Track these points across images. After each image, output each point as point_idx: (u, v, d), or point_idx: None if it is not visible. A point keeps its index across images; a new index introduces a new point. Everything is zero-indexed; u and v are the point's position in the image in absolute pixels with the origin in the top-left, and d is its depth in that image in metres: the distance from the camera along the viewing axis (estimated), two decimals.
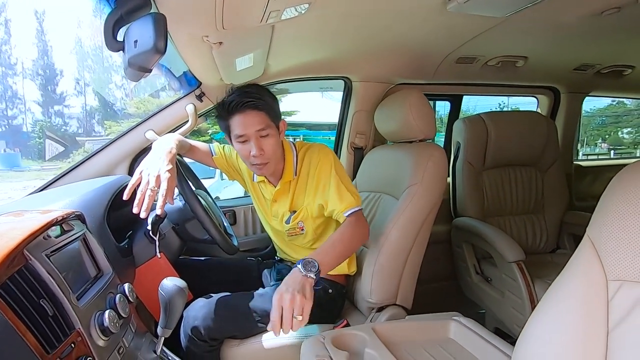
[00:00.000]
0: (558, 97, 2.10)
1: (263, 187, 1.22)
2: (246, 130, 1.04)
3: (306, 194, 1.15)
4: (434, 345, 0.94)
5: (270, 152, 1.07)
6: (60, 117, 22.21)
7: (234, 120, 1.05)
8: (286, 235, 1.21)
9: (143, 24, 0.59)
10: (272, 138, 1.07)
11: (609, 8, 1.10)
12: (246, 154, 1.07)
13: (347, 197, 1.07)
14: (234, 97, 1.05)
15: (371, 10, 1.03)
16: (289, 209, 1.18)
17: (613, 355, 0.56)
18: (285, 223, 1.19)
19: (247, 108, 1.03)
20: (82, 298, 0.65)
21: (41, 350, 0.51)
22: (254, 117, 1.04)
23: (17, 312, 0.50)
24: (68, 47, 31.35)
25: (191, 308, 1.05)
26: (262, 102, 1.04)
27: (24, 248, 0.56)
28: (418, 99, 1.28)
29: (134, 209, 0.88)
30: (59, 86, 22.52)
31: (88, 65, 24.90)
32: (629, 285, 0.57)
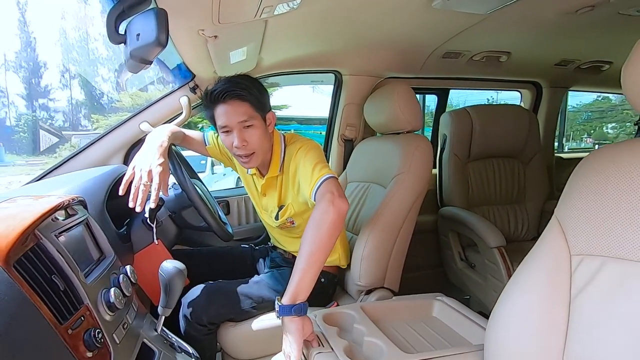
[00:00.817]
0: (540, 92, 2.18)
1: (255, 179, 1.22)
2: (229, 120, 1.02)
3: (290, 190, 1.13)
4: (418, 322, 1.01)
5: (255, 143, 1.04)
6: (45, 111, 21.70)
7: (217, 110, 1.03)
8: (279, 229, 1.24)
9: (145, 18, 0.62)
10: (257, 129, 1.04)
11: (584, 7, 1.17)
12: (229, 145, 1.05)
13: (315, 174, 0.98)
14: (219, 86, 1.02)
15: (359, 6, 1.07)
16: (277, 204, 1.17)
17: (573, 320, 0.63)
18: (275, 219, 1.19)
19: (230, 98, 1.01)
20: (89, 277, 0.69)
21: (55, 321, 0.55)
22: (237, 108, 1.01)
23: (32, 286, 0.55)
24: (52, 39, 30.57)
25: (189, 294, 1.09)
26: (246, 92, 1.01)
27: (35, 228, 0.60)
28: (405, 92, 1.33)
29: (130, 203, 0.92)
30: (44, 79, 21.96)
31: (73, 57, 24.36)
32: (589, 259, 0.63)
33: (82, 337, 0.60)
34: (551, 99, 2.16)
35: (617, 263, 0.60)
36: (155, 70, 1.53)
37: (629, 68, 0.61)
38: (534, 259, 0.71)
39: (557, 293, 0.66)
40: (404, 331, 0.95)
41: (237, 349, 1.11)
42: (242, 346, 1.10)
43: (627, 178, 0.60)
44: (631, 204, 0.58)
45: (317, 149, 1.09)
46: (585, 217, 0.64)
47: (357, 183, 1.51)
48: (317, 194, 0.95)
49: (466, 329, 0.95)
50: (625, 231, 0.58)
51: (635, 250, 0.57)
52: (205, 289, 1.09)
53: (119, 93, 14.86)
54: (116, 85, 21.69)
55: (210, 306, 1.06)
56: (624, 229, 0.58)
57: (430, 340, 0.91)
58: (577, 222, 0.66)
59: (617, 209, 0.60)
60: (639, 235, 0.57)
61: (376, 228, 1.19)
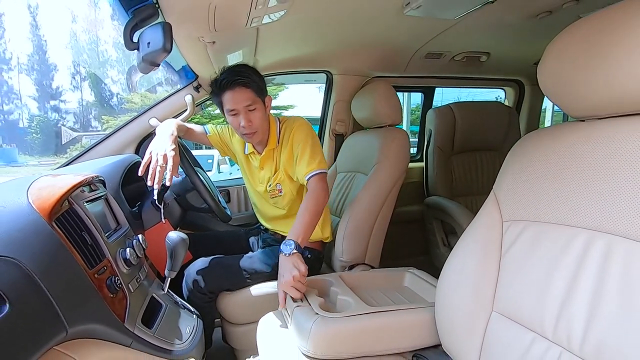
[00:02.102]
0: (523, 89, 2.31)
1: (252, 157, 1.39)
2: (236, 105, 1.20)
3: (283, 157, 1.32)
4: (390, 290, 1.15)
5: (258, 123, 1.24)
6: (56, 112, 22.24)
7: (225, 96, 1.21)
8: (269, 197, 1.38)
9: (154, 29, 0.78)
10: (259, 111, 1.23)
11: (542, 12, 1.30)
12: (236, 126, 1.24)
13: (310, 163, 1.22)
14: (225, 76, 1.20)
15: (340, 14, 1.22)
16: (272, 174, 1.35)
17: (501, 272, 0.77)
18: (268, 186, 1.36)
19: (236, 85, 1.19)
20: (110, 238, 0.86)
21: (85, 266, 0.72)
22: (242, 94, 1.20)
23: (68, 237, 0.71)
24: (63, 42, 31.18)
25: (192, 266, 1.25)
26: (249, 80, 1.19)
27: (69, 196, 0.76)
28: (386, 90, 1.48)
29: (148, 182, 1.09)
30: (55, 81, 22.51)
31: (84, 60, 24.89)
32: (516, 224, 0.78)
33: (105, 281, 0.76)
34: (533, 96, 2.28)
35: (534, 225, 0.74)
36: (163, 72, 1.70)
37: (543, 67, 0.75)
38: (475, 226, 0.85)
39: (491, 252, 0.80)
40: (375, 295, 1.10)
41: (233, 314, 1.27)
42: (238, 311, 1.26)
43: (545, 158, 0.73)
44: (547, 178, 0.71)
45: (312, 130, 1.31)
46: (514, 190, 0.79)
47: (345, 173, 1.66)
48: (312, 178, 1.21)
49: (432, 295, 1.09)
50: (541, 199, 0.72)
51: (546, 213, 0.71)
52: (205, 261, 1.25)
53: (130, 94, 15.18)
54: (126, 87, 22.09)
55: (209, 276, 1.21)
56: (540, 198, 0.72)
57: (396, 301, 1.06)
58: (508, 195, 0.80)
59: (537, 182, 0.73)
60: (550, 201, 0.70)
61: (357, 209, 1.34)
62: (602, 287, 0.58)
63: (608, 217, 0.59)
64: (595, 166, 0.63)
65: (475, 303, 0.80)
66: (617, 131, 0.61)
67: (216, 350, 1.41)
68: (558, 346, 0.63)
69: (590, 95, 0.64)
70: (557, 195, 0.69)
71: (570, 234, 0.65)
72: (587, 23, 0.64)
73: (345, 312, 0.89)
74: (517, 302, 0.73)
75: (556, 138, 0.73)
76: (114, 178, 1.13)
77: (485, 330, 0.77)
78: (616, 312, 0.55)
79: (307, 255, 1.35)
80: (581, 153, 0.66)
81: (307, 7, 1.10)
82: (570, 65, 0.66)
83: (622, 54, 0.56)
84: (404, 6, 1.21)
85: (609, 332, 0.55)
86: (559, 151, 0.71)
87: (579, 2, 1.19)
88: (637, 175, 0.56)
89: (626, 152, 0.59)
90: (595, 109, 0.66)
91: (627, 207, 0.57)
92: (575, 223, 0.65)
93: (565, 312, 0.62)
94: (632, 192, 0.56)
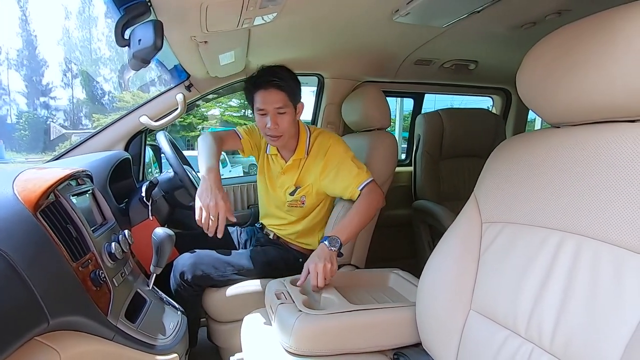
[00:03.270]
0: (510, 97, 2.36)
1: (274, 159, 1.38)
2: (266, 105, 1.20)
3: (312, 173, 1.31)
4: (375, 290, 1.17)
5: (284, 127, 1.23)
6: (46, 109, 21.91)
7: (258, 94, 1.21)
8: (286, 206, 1.37)
9: (146, 27, 0.80)
10: (288, 116, 1.23)
11: (527, 23, 1.35)
12: (262, 125, 1.24)
13: (359, 174, 1.23)
14: (262, 74, 1.21)
15: (331, 19, 1.24)
16: (294, 183, 1.34)
17: (480, 271, 0.80)
18: (289, 194, 1.34)
19: (270, 86, 1.19)
20: (95, 232, 0.86)
21: (69, 258, 0.72)
22: (275, 96, 1.20)
23: (52, 229, 0.71)
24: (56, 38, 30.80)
25: (181, 258, 1.25)
26: (285, 83, 1.20)
27: (55, 188, 0.77)
28: (375, 95, 1.51)
29: (209, 234, 1.05)
30: (45, 77, 22.21)
31: (76, 57, 24.61)
32: (494, 225, 0.80)
33: (89, 274, 0.76)
34: (519, 104, 2.34)
35: (511, 227, 0.76)
36: (156, 72, 1.71)
37: (521, 75, 0.78)
38: (456, 227, 0.88)
39: (470, 252, 0.83)
40: (359, 294, 1.12)
41: (218, 312, 1.27)
42: (223, 309, 1.26)
43: (522, 162, 0.76)
44: (523, 182, 0.74)
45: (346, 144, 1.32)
46: (493, 193, 0.81)
47: None
48: (365, 188, 1.22)
49: (414, 295, 1.11)
50: (517, 202, 0.75)
51: (522, 215, 0.74)
52: (194, 254, 1.25)
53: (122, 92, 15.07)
54: (118, 84, 21.88)
55: (197, 267, 1.21)
56: (517, 200, 0.75)
57: (379, 301, 1.08)
58: (487, 197, 0.83)
59: (514, 185, 0.76)
60: (526, 204, 0.73)
61: (344, 210, 1.35)
62: (571, 286, 0.60)
63: (578, 219, 0.62)
64: (568, 171, 0.66)
65: (454, 302, 0.82)
66: (588, 138, 0.64)
67: (201, 348, 1.41)
68: (530, 342, 0.65)
69: (564, 103, 0.67)
70: (532, 198, 0.71)
71: (544, 235, 0.67)
72: (562, 34, 0.67)
73: (329, 310, 0.90)
74: (493, 300, 0.75)
75: (533, 143, 0.76)
76: (102, 173, 1.14)
77: (463, 328, 0.80)
78: (583, 309, 0.58)
79: (299, 259, 1.36)
80: (555, 158, 0.69)
81: (298, 11, 1.12)
82: (545, 74, 0.69)
83: (591, 66, 0.60)
84: (394, 13, 1.23)
85: (576, 328, 0.58)
86: (535, 156, 0.74)
87: (561, 15, 1.24)
88: (604, 180, 0.59)
89: (595, 157, 0.62)
90: (569, 116, 0.69)
91: (595, 210, 0.60)
92: (549, 224, 0.67)
93: (537, 310, 0.65)
94: (600, 195, 0.59)
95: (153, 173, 1.86)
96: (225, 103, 14.91)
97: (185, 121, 13.54)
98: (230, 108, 15.55)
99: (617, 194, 0.57)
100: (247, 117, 15.67)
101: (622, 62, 0.56)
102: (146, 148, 1.68)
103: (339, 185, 1.26)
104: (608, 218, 0.57)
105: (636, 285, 0.52)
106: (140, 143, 1.62)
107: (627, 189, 0.56)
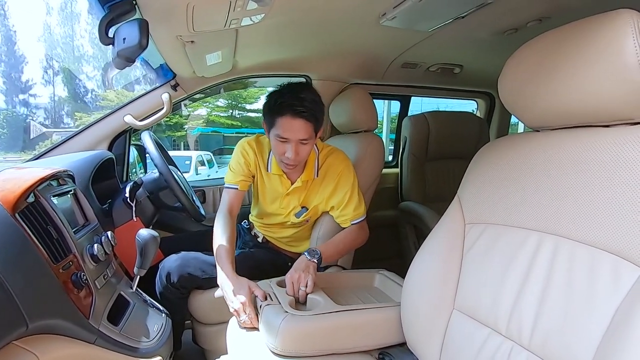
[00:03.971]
0: (493, 101, 2.42)
1: (278, 179, 1.29)
2: (290, 135, 1.10)
3: (319, 195, 1.28)
4: (361, 290, 1.18)
5: (304, 157, 1.17)
6: (25, 107, 21.26)
7: (282, 119, 1.10)
8: (288, 224, 1.35)
9: (131, 26, 0.78)
10: (309, 146, 1.16)
11: (509, 29, 1.38)
12: (281, 152, 1.14)
13: (359, 208, 1.26)
14: (290, 99, 1.09)
15: (319, 21, 1.25)
16: (299, 204, 1.30)
17: (463, 271, 0.81)
18: (296, 216, 1.31)
19: (298, 116, 1.08)
20: (77, 234, 0.84)
21: (49, 260, 0.70)
22: (301, 126, 1.10)
23: (32, 231, 0.70)
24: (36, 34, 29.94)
25: (167, 260, 1.23)
26: (312, 113, 1.11)
27: (35, 188, 0.75)
28: (362, 97, 1.53)
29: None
30: (25, 74, 21.56)
31: (57, 54, 23.98)
32: (477, 226, 0.82)
33: (71, 277, 0.75)
34: (502, 108, 2.39)
35: (492, 227, 0.78)
36: (141, 70, 1.68)
37: (502, 79, 0.80)
38: (440, 228, 0.89)
39: (454, 253, 0.84)
40: (345, 295, 1.13)
41: (204, 314, 1.26)
42: (209, 311, 1.25)
43: (503, 165, 0.78)
44: (504, 184, 0.76)
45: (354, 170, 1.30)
46: (476, 194, 0.83)
47: None
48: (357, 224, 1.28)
49: (400, 295, 1.13)
50: (499, 203, 0.77)
51: (503, 216, 0.76)
52: (181, 256, 1.23)
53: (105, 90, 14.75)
54: (102, 83, 21.42)
55: (183, 269, 1.20)
56: (498, 201, 0.77)
57: (365, 301, 1.09)
58: (470, 198, 0.84)
59: (496, 187, 0.78)
60: (507, 205, 0.75)
61: (329, 223, 1.35)
62: (549, 285, 0.62)
63: (556, 220, 0.64)
64: (547, 173, 0.68)
65: (438, 302, 0.84)
66: (566, 142, 0.67)
67: (186, 351, 1.39)
68: (510, 340, 0.67)
69: (543, 107, 0.69)
70: (512, 200, 0.73)
71: (523, 235, 0.69)
72: (541, 41, 0.70)
73: (314, 311, 0.91)
74: (475, 300, 0.77)
75: (513, 146, 0.79)
76: (84, 174, 1.11)
77: (447, 327, 0.81)
78: (559, 307, 0.60)
79: (288, 263, 1.36)
80: (535, 161, 0.71)
81: (285, 12, 1.12)
82: (525, 79, 0.71)
83: (568, 72, 0.62)
84: (381, 16, 1.25)
85: (553, 326, 0.60)
86: (515, 158, 0.76)
87: (542, 22, 1.28)
88: (580, 183, 0.62)
89: (572, 161, 0.64)
90: (548, 121, 0.71)
91: (572, 211, 0.62)
92: (528, 225, 0.69)
93: (517, 309, 0.67)
94: (576, 198, 0.61)
95: (137, 173, 1.83)
96: (212, 103, 14.77)
97: (171, 121, 13.35)
98: (217, 108, 15.41)
99: (592, 196, 0.59)
100: (234, 118, 15.57)
101: (595, 69, 0.58)
102: (130, 148, 1.65)
103: (339, 212, 1.28)
104: (584, 219, 0.59)
105: (609, 284, 0.54)
106: (125, 143, 1.59)
107: (602, 191, 0.58)
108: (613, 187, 0.57)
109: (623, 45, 0.55)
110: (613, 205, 0.56)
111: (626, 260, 0.53)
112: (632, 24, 0.54)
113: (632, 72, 0.54)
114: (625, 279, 0.52)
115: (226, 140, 15.38)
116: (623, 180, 0.56)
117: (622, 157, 0.57)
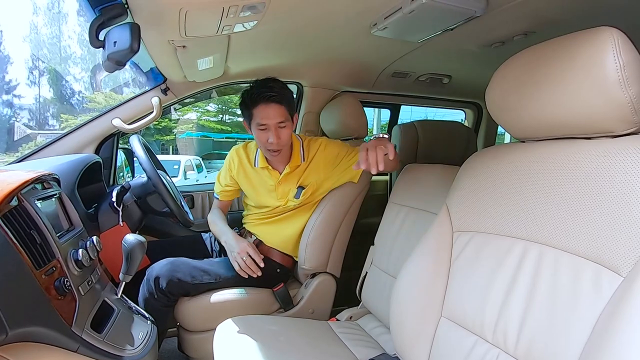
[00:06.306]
0: (481, 112, 2.46)
1: (266, 172, 1.37)
2: (268, 120, 1.21)
3: (313, 172, 1.36)
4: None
5: (285, 140, 1.25)
6: (9, 107, 20.73)
7: (257, 109, 1.22)
8: (291, 207, 1.38)
9: (122, 29, 0.78)
10: (288, 129, 1.26)
11: (496, 42, 1.42)
12: (264, 140, 1.24)
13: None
14: (260, 89, 1.21)
15: (311, 29, 1.26)
16: (297, 185, 1.36)
17: (451, 278, 0.82)
18: (295, 197, 1.36)
19: (270, 101, 1.20)
20: (61, 238, 0.82)
21: (32, 266, 0.69)
22: (276, 110, 1.21)
23: (15, 235, 0.68)
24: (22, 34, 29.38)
25: (155, 265, 1.21)
26: (283, 97, 1.22)
27: (18, 192, 0.73)
28: (352, 104, 1.54)
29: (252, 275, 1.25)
30: (9, 74, 21.07)
31: (44, 54, 23.55)
32: (464, 234, 0.83)
33: (54, 283, 0.73)
34: (489, 119, 2.45)
35: (479, 236, 0.80)
36: (130, 73, 1.66)
37: (490, 91, 0.82)
38: (429, 236, 0.90)
39: (442, 261, 0.85)
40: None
41: (191, 321, 1.24)
42: (196, 318, 1.23)
43: (490, 174, 0.80)
44: (491, 193, 0.77)
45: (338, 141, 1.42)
46: (463, 203, 0.85)
47: None
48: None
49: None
50: (485, 212, 0.78)
51: (489, 225, 0.77)
52: (170, 261, 1.22)
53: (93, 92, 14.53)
54: (90, 85, 21.10)
55: (173, 274, 1.18)
56: (485, 210, 0.78)
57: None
58: (458, 207, 0.86)
59: (482, 196, 0.80)
60: (493, 214, 0.76)
61: (320, 218, 1.36)
62: (534, 292, 0.64)
63: (540, 229, 0.66)
64: (531, 183, 0.70)
65: (426, 309, 0.84)
66: (550, 152, 0.69)
67: (171, 358, 1.37)
68: (496, 348, 0.68)
69: (528, 119, 0.71)
70: (498, 209, 0.75)
71: (509, 243, 0.71)
72: (527, 55, 0.72)
73: None
74: (462, 307, 0.78)
75: (500, 157, 0.81)
76: (70, 177, 1.09)
77: (435, 335, 0.82)
78: (544, 315, 0.61)
79: (277, 270, 1.35)
80: (520, 171, 0.73)
81: (278, 20, 1.13)
82: (512, 91, 0.73)
83: (552, 85, 0.64)
84: (372, 26, 1.27)
85: (538, 333, 0.61)
86: (501, 168, 0.78)
87: (527, 36, 1.31)
88: (563, 193, 0.63)
89: (556, 171, 0.66)
90: (534, 132, 0.73)
91: (556, 220, 0.63)
92: (514, 234, 0.71)
93: (502, 316, 0.68)
94: (560, 207, 0.63)
95: (125, 177, 1.80)
96: (202, 107, 14.68)
97: (160, 124, 13.21)
98: (207, 113, 15.32)
99: (575, 205, 0.61)
100: (224, 122, 15.48)
101: (578, 84, 0.60)
102: (118, 151, 1.63)
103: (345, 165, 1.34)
104: (567, 228, 0.61)
105: (591, 292, 0.56)
106: (112, 146, 1.57)
107: (584, 201, 0.60)
108: (595, 197, 0.58)
109: (604, 61, 0.57)
110: (594, 215, 0.58)
111: (607, 269, 0.55)
112: (612, 41, 0.57)
113: (612, 87, 0.57)
114: (607, 287, 0.54)
115: (216, 145, 15.28)
116: (604, 190, 0.58)
117: (603, 168, 0.59)
